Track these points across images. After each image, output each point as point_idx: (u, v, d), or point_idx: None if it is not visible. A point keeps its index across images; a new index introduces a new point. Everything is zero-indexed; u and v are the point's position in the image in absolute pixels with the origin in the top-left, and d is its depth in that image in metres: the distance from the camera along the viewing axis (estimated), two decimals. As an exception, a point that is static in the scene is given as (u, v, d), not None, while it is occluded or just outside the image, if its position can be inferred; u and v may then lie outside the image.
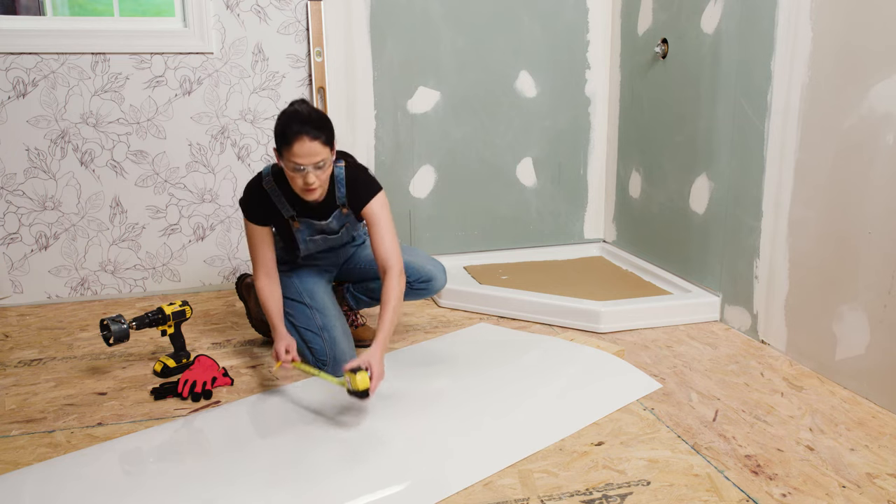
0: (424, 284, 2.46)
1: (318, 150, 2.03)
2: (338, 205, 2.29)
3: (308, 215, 2.29)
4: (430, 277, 2.46)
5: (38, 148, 3.08)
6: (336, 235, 2.38)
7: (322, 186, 2.12)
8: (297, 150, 2.01)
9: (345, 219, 2.34)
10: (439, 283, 2.49)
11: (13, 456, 1.89)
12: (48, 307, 3.15)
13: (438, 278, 2.49)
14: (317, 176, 2.06)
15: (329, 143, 2.07)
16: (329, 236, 2.37)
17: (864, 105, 2.13)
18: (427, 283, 2.47)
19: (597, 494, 1.68)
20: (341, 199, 2.27)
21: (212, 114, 3.21)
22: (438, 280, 2.49)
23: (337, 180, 2.25)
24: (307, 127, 2.01)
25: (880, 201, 2.09)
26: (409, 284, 2.44)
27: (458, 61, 3.45)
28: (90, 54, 3.05)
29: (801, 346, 2.43)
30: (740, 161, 2.68)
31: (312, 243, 2.37)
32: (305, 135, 2.00)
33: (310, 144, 2.01)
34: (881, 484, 1.71)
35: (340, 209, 2.29)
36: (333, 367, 2.31)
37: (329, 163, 2.09)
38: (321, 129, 2.03)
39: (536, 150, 3.65)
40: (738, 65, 2.65)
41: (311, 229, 2.32)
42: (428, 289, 2.48)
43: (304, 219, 2.29)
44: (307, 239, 2.35)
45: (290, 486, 1.71)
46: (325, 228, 2.33)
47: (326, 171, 2.10)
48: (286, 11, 3.19)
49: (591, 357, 2.43)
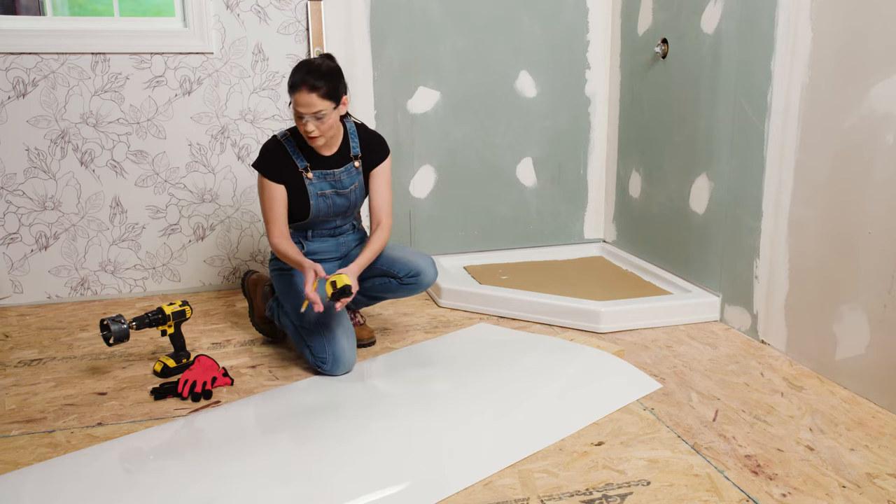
0: (413, 279, 2.46)
1: (315, 102, 2.18)
2: (351, 156, 2.42)
3: (321, 166, 2.38)
4: (418, 272, 2.45)
5: (38, 148, 3.08)
6: (345, 193, 2.42)
7: (324, 136, 2.26)
8: (298, 99, 2.19)
9: (355, 177, 2.43)
10: (428, 277, 2.47)
11: (13, 456, 1.89)
12: (48, 307, 3.15)
13: (427, 272, 2.47)
14: (316, 126, 2.22)
15: (330, 96, 2.21)
16: (339, 192, 2.42)
17: (864, 105, 2.13)
18: (416, 278, 2.46)
19: (597, 494, 1.68)
20: (355, 151, 2.42)
21: (212, 114, 3.21)
22: (427, 274, 2.47)
23: (350, 134, 2.42)
24: (310, 77, 2.18)
25: (880, 201, 2.09)
26: (399, 280, 2.46)
27: (458, 61, 3.45)
28: (90, 54, 3.05)
29: (801, 346, 2.43)
30: (740, 161, 2.68)
31: (323, 200, 2.40)
32: (305, 85, 2.17)
33: (308, 96, 2.17)
34: (881, 484, 1.71)
35: (353, 162, 2.41)
36: (332, 366, 2.32)
37: (330, 115, 2.23)
38: (323, 81, 2.18)
39: (536, 150, 3.65)
40: (738, 65, 2.65)
41: (323, 182, 2.39)
42: (417, 283, 2.47)
43: (317, 170, 2.37)
44: (318, 193, 2.39)
45: (290, 486, 1.71)
46: (337, 181, 2.40)
47: (327, 122, 2.23)
48: (286, 11, 3.19)
49: (591, 357, 2.43)
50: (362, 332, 2.64)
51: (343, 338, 2.35)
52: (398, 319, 2.91)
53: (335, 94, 2.23)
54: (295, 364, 2.48)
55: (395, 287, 2.49)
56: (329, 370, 2.33)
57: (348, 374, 2.35)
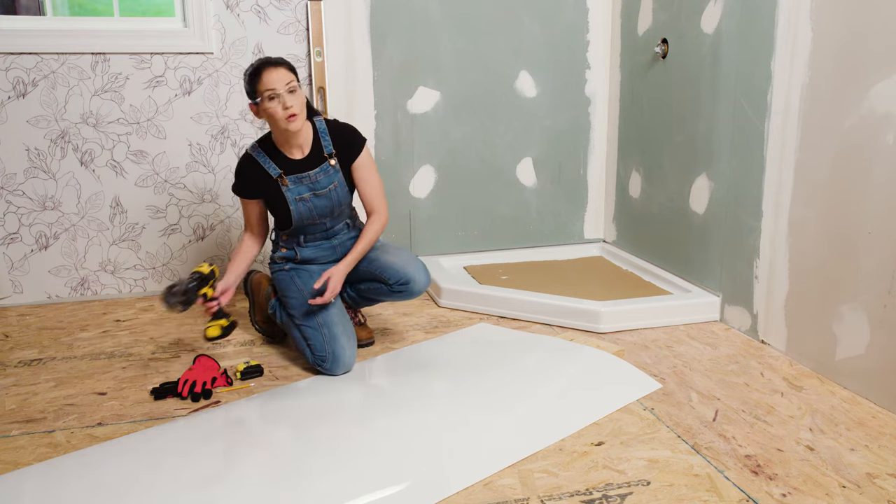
0: (403, 287, 2.44)
1: (284, 75, 2.28)
2: (325, 156, 2.42)
3: (295, 170, 2.41)
4: (408, 279, 2.43)
5: (38, 148, 3.08)
6: (324, 193, 2.42)
7: (301, 114, 2.30)
8: (267, 78, 2.26)
9: (333, 176, 2.43)
10: (419, 285, 2.44)
11: (13, 456, 1.89)
12: (48, 307, 3.15)
13: (418, 280, 2.43)
14: (292, 100, 2.27)
15: (293, 69, 2.32)
16: (317, 193, 2.42)
17: (864, 105, 2.13)
18: (406, 286, 2.44)
19: (597, 494, 1.68)
20: (328, 149, 2.43)
21: (212, 114, 3.21)
22: (417, 283, 2.43)
23: (320, 133, 2.44)
24: (270, 59, 2.31)
25: (880, 201, 2.09)
26: (390, 287, 2.45)
27: (458, 61, 3.45)
28: (90, 54, 3.05)
29: (801, 346, 2.43)
30: (740, 161, 2.68)
31: (303, 204, 2.41)
32: (270, 65, 2.29)
33: (276, 70, 2.27)
34: (881, 484, 1.71)
35: (328, 161, 2.42)
36: (332, 365, 2.32)
37: (300, 90, 2.31)
38: (282, 60, 2.32)
39: (536, 150, 3.65)
40: (738, 65, 2.65)
41: (300, 185, 2.40)
42: (407, 291, 2.45)
43: (292, 175, 2.40)
44: (296, 199, 2.40)
45: (290, 486, 1.71)
46: (314, 183, 2.41)
47: (299, 97, 2.30)
48: (286, 11, 3.19)
49: (591, 357, 2.43)
50: (362, 332, 2.64)
51: (343, 337, 2.36)
52: (398, 319, 2.91)
53: (296, 73, 2.34)
54: (295, 364, 2.48)
55: (386, 292, 2.48)
56: (329, 369, 2.33)
57: (348, 374, 2.35)
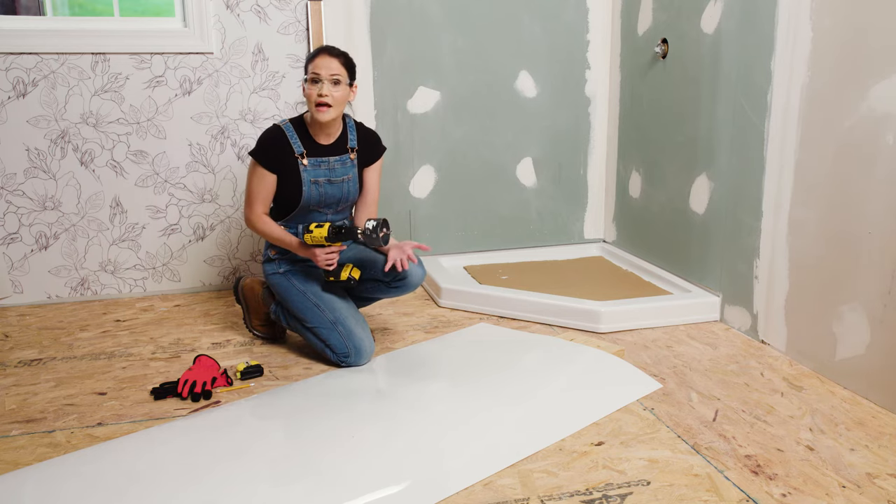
0: (400, 282, 2.45)
1: (335, 66, 2.35)
2: (348, 148, 2.50)
3: (317, 154, 2.46)
4: (404, 275, 2.44)
5: (38, 148, 3.08)
6: (338, 182, 2.47)
7: (334, 108, 2.36)
8: (318, 62, 2.35)
9: (350, 168, 2.50)
10: (415, 277, 2.45)
11: (13, 456, 1.89)
12: (48, 307, 3.15)
13: (414, 273, 2.45)
14: (330, 91, 2.33)
15: (348, 68, 2.39)
16: (332, 181, 2.46)
17: (864, 105, 2.13)
18: (402, 281, 2.45)
19: (597, 494, 1.68)
20: (352, 143, 2.52)
21: (212, 114, 3.21)
22: (414, 275, 2.45)
23: (349, 128, 2.53)
24: (332, 48, 2.40)
25: (880, 201, 2.09)
26: (387, 284, 2.46)
27: (458, 61, 3.45)
28: (90, 54, 3.05)
29: (801, 346, 2.43)
30: (740, 161, 2.67)
31: (316, 187, 2.44)
32: (327, 51, 2.37)
33: (329, 59, 2.35)
34: (881, 484, 1.71)
35: (349, 154, 2.49)
36: (356, 357, 2.38)
37: (344, 86, 2.37)
38: (343, 55, 2.39)
39: (536, 150, 3.65)
40: (738, 65, 2.65)
41: (317, 169, 2.44)
42: (403, 286, 2.46)
43: (312, 157, 2.44)
44: (311, 181, 2.43)
45: (290, 486, 1.71)
46: (331, 169, 2.46)
47: (341, 91, 2.36)
48: (286, 11, 3.19)
49: (591, 357, 2.43)
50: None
51: (358, 328, 2.40)
52: (398, 319, 2.92)
53: (352, 70, 2.41)
54: (295, 364, 2.48)
55: (383, 289, 2.50)
56: (354, 362, 2.39)
57: (348, 375, 2.35)
